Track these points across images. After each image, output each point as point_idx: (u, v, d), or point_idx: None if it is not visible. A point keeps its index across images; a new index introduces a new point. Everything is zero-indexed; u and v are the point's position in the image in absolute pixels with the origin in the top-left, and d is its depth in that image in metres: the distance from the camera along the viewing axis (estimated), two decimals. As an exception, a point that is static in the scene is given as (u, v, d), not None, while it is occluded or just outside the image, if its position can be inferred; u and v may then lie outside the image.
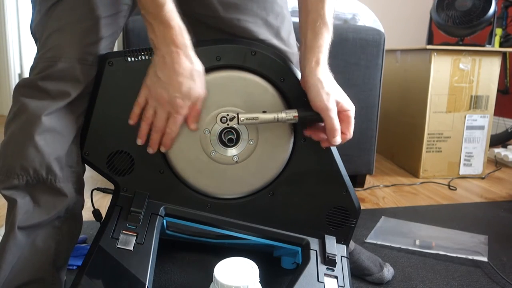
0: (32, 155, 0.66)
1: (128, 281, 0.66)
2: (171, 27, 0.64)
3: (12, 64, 3.07)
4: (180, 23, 0.65)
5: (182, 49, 0.66)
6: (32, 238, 0.68)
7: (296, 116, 0.70)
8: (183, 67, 0.66)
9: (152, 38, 0.66)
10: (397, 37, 2.74)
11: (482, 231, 1.24)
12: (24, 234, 0.67)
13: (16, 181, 0.66)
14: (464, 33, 1.83)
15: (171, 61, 0.65)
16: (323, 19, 0.72)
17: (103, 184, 0.81)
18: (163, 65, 0.66)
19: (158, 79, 0.67)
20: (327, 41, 0.72)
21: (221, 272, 0.65)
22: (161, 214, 0.76)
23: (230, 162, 0.76)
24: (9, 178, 0.66)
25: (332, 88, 0.70)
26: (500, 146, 2.29)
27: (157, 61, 0.67)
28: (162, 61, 0.66)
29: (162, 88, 0.67)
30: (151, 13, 0.64)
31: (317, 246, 0.78)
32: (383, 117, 1.85)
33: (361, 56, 1.46)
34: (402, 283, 0.96)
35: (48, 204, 0.68)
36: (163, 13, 0.63)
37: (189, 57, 0.67)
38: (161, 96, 0.67)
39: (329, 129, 0.69)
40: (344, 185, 0.78)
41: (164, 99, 0.67)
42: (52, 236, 0.70)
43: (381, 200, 1.54)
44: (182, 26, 0.66)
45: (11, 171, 0.66)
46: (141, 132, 0.72)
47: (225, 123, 0.73)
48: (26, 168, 0.66)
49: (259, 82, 0.74)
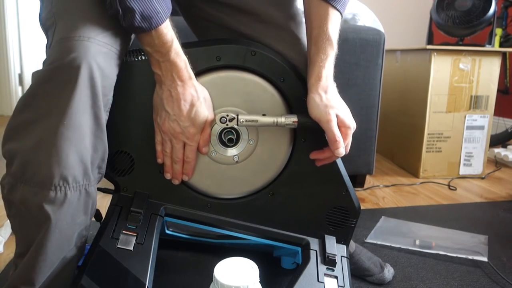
0: (73, 161, 0.60)
1: (128, 281, 0.66)
2: (177, 64, 0.65)
3: (12, 64, 3.07)
4: (185, 58, 0.67)
5: (187, 82, 0.67)
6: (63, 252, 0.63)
7: (295, 121, 0.70)
8: (189, 97, 0.67)
9: (157, 73, 0.67)
10: (397, 37, 2.74)
11: (482, 231, 1.24)
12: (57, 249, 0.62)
13: (53, 193, 0.59)
14: (464, 33, 1.83)
15: (176, 93, 0.67)
16: (326, 35, 0.72)
17: (103, 184, 0.81)
18: (169, 98, 0.67)
19: (167, 114, 0.68)
20: (330, 56, 0.72)
21: (221, 272, 0.65)
22: (161, 214, 0.76)
23: (231, 162, 0.76)
24: (45, 190, 0.59)
25: (333, 102, 0.70)
26: (500, 146, 2.29)
27: (163, 96, 0.68)
28: (169, 95, 0.67)
29: (173, 121, 0.68)
30: (159, 52, 0.64)
31: (317, 246, 0.78)
32: (383, 117, 1.85)
33: (361, 56, 1.46)
34: (402, 283, 0.96)
35: (79, 213, 0.64)
36: (171, 53, 0.64)
37: (193, 87, 0.68)
38: (173, 129, 0.69)
39: (330, 141, 0.69)
40: (344, 185, 0.78)
41: (177, 132, 0.69)
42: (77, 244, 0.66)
43: (381, 200, 1.54)
44: (187, 61, 0.67)
45: (48, 182, 0.59)
46: (166, 166, 0.74)
47: (225, 123, 0.73)
48: (66, 178, 0.59)
49: (259, 82, 0.73)
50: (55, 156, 0.58)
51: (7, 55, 3.04)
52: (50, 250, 0.61)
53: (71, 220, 0.63)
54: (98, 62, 0.60)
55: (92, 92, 0.60)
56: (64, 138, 0.58)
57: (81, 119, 0.60)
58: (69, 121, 0.58)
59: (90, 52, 0.59)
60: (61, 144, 0.58)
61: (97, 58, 0.60)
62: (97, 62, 0.60)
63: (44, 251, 0.61)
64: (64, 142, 0.58)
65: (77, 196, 0.62)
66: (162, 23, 0.62)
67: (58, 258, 0.63)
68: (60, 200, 0.60)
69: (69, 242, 0.64)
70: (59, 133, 0.58)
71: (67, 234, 0.63)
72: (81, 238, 0.66)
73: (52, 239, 0.61)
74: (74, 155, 0.60)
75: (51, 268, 0.62)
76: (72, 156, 0.60)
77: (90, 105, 0.61)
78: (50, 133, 0.58)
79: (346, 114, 0.71)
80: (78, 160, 0.61)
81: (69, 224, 0.63)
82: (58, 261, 0.63)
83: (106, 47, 0.62)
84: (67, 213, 0.62)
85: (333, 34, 0.73)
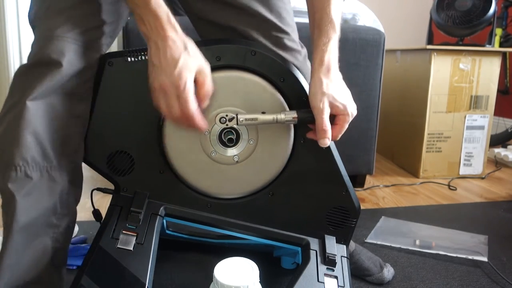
0: (29, 143, 0.65)
1: (128, 281, 0.66)
2: (159, 15, 0.64)
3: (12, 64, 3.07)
4: (167, 10, 0.65)
5: (171, 32, 0.64)
6: (30, 238, 0.67)
7: (295, 117, 0.70)
8: (174, 47, 0.64)
9: (143, 31, 0.65)
10: (397, 37, 2.74)
11: (482, 231, 1.24)
12: (24, 235, 0.66)
13: (14, 174, 0.64)
14: (464, 33, 1.83)
15: (163, 44, 0.63)
16: (329, 17, 0.72)
17: (103, 184, 0.81)
18: (156, 51, 0.64)
19: (154, 67, 0.64)
20: (333, 40, 0.72)
21: (221, 272, 0.65)
22: (161, 214, 0.76)
23: (231, 162, 0.76)
24: (8, 171, 0.65)
25: (333, 89, 0.69)
26: (500, 146, 2.29)
27: (150, 51, 0.65)
28: (155, 48, 0.64)
29: (161, 74, 0.63)
30: (139, 6, 0.64)
31: (317, 246, 0.78)
32: (383, 117, 1.85)
33: (361, 56, 1.46)
34: (402, 283, 0.96)
35: (43, 195, 0.67)
36: (151, 3, 0.63)
37: (178, 38, 0.64)
38: (163, 82, 0.63)
39: (317, 129, 0.69)
40: (344, 185, 0.78)
41: (167, 84, 0.63)
42: (49, 234, 0.69)
43: (381, 200, 1.54)
44: (169, 13, 0.65)
45: (10, 163, 0.64)
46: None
47: (224, 123, 0.73)
48: (25, 158, 0.65)
49: (259, 82, 0.73)
50: (15, 138, 0.64)
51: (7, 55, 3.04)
52: (16, 234, 0.65)
53: (35, 202, 0.66)
54: (67, 57, 0.66)
55: (56, 81, 0.66)
56: (23, 120, 0.64)
57: (41, 104, 0.66)
58: (30, 104, 0.65)
59: (61, 49, 0.66)
60: (20, 126, 0.64)
61: (66, 53, 0.66)
62: (65, 57, 0.66)
63: (11, 234, 0.64)
64: (22, 124, 0.64)
65: (38, 177, 0.66)
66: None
67: (26, 244, 0.66)
68: (21, 179, 0.65)
69: (37, 228, 0.67)
70: (21, 116, 0.64)
71: (33, 217, 0.66)
72: (52, 227, 0.69)
73: (18, 221, 0.65)
74: (30, 135, 0.65)
75: (18, 253, 0.65)
76: (28, 137, 0.65)
77: (54, 92, 0.67)
78: (15, 118, 0.65)
79: (346, 100, 0.70)
80: (34, 140, 0.65)
81: (34, 206, 0.66)
82: (26, 248, 0.66)
83: (77, 43, 0.68)
84: (30, 193, 0.66)
85: (336, 17, 0.72)
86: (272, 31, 0.78)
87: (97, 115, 0.73)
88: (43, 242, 0.68)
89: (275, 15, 0.78)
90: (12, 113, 0.65)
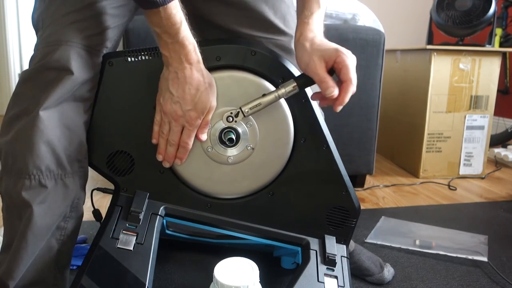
0: (44, 152, 0.64)
1: (128, 281, 0.66)
2: (186, 46, 0.65)
3: (12, 64, 3.07)
4: (194, 41, 0.66)
5: (195, 65, 0.67)
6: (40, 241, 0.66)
7: (295, 85, 0.70)
8: (196, 81, 0.67)
9: (165, 55, 0.66)
10: (397, 37, 2.74)
11: (482, 231, 1.24)
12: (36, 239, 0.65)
13: (28, 182, 0.64)
14: (464, 33, 1.83)
15: (183, 76, 0.66)
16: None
17: (103, 184, 0.81)
18: (175, 80, 0.67)
19: (170, 95, 0.68)
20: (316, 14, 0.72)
21: (221, 272, 0.65)
22: (161, 214, 0.76)
23: (224, 161, 0.75)
24: (21, 179, 0.64)
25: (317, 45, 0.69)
26: (500, 146, 2.29)
27: (169, 77, 0.67)
28: (175, 77, 0.67)
29: (175, 103, 0.68)
30: (168, 33, 0.64)
31: (317, 246, 0.78)
32: (383, 117, 1.85)
33: (361, 56, 1.46)
34: (402, 283, 0.96)
35: (57, 202, 0.67)
36: (180, 34, 0.64)
37: (200, 72, 0.68)
38: (175, 111, 0.68)
39: (319, 84, 0.68)
40: (344, 185, 0.78)
41: (178, 114, 0.68)
42: (55, 236, 0.69)
43: (381, 200, 1.54)
44: (195, 44, 0.67)
45: (23, 171, 0.64)
46: (160, 148, 0.72)
47: (232, 121, 0.73)
48: (39, 167, 0.64)
49: (259, 82, 0.73)
50: (28, 147, 0.64)
51: (7, 55, 3.04)
52: (31, 240, 0.65)
53: (49, 209, 0.66)
54: (76, 63, 0.66)
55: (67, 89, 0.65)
56: (37, 130, 0.64)
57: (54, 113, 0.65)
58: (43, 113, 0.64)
59: (68, 55, 0.65)
60: (34, 135, 0.64)
61: (74, 60, 0.66)
62: (74, 63, 0.66)
63: (25, 240, 0.64)
64: (36, 133, 0.64)
65: (52, 185, 0.66)
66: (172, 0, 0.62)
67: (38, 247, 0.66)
68: (36, 187, 0.65)
69: (49, 233, 0.67)
70: (35, 125, 0.64)
71: (47, 223, 0.66)
72: (60, 230, 0.69)
73: (33, 228, 0.64)
74: (45, 145, 0.64)
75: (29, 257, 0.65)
76: (42, 147, 0.64)
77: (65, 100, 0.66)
78: (27, 126, 0.64)
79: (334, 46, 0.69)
80: (49, 150, 0.65)
81: (48, 213, 0.66)
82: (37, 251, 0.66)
83: (85, 48, 0.67)
84: (45, 201, 0.65)
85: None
86: (276, 34, 0.78)
87: (97, 115, 0.73)
88: (49, 243, 0.68)
89: (279, 18, 0.79)
90: (23, 121, 0.64)
